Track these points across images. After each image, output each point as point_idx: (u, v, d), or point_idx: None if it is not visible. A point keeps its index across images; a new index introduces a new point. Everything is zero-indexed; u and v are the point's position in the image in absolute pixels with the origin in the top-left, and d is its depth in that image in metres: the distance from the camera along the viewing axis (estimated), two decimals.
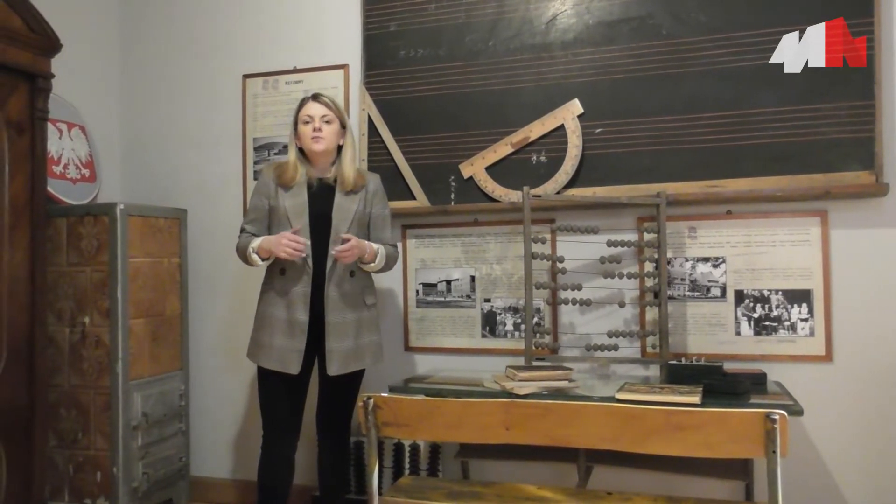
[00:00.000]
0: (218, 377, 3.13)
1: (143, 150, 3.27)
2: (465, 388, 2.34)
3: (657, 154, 2.55)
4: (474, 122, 2.75)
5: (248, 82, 3.10)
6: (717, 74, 2.48)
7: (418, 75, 2.82)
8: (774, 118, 2.43)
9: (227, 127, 3.14)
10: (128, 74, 3.30)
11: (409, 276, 2.88)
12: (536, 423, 1.61)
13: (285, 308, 2.30)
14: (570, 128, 2.63)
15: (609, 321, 2.63)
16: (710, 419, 1.52)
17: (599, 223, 2.57)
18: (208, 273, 3.14)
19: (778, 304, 2.48)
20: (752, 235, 2.51)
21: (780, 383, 2.35)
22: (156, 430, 2.84)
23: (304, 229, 2.30)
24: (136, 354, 2.77)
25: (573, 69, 2.65)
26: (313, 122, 2.33)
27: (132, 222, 2.77)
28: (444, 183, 2.78)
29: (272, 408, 2.35)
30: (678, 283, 2.58)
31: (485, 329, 2.80)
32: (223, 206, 3.13)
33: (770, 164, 2.44)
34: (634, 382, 2.29)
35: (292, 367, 2.27)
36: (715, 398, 2.02)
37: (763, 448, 1.48)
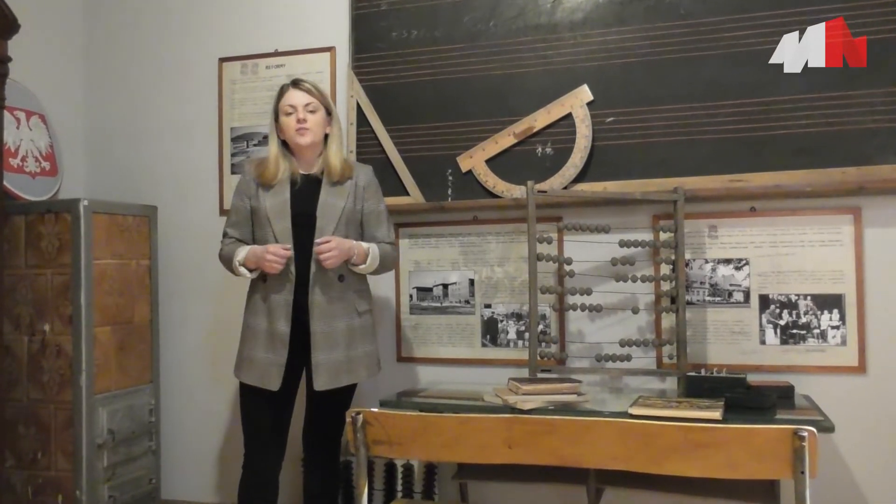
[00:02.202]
0: (192, 390, 3.12)
1: (109, 142, 3.26)
2: (463, 402, 2.34)
3: (674, 145, 2.55)
4: (473, 111, 2.75)
5: (225, 67, 3.10)
6: (740, 58, 2.49)
7: (412, 59, 2.82)
8: (803, 106, 2.43)
9: (201, 116, 3.13)
10: (92, 58, 3.30)
11: (402, 279, 2.88)
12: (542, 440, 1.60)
13: (266, 318, 2.30)
14: (579, 116, 2.63)
15: (621, 329, 2.63)
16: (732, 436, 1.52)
17: (611, 221, 2.57)
18: (181, 276, 3.14)
19: (806, 310, 2.48)
20: (778, 235, 2.51)
21: (808, 397, 2.35)
22: (123, 448, 2.83)
23: (286, 230, 2.30)
24: (102, 366, 2.76)
25: (582, 52, 2.65)
26: (297, 113, 2.32)
27: (97, 220, 2.77)
28: (441, 177, 2.78)
29: (254, 425, 2.35)
30: (697, 287, 2.58)
31: (485, 337, 2.80)
32: (197, 202, 3.12)
33: (798, 156, 2.44)
34: (649, 396, 2.29)
35: (272, 382, 2.27)
36: (738, 413, 2.03)
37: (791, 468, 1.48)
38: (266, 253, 2.23)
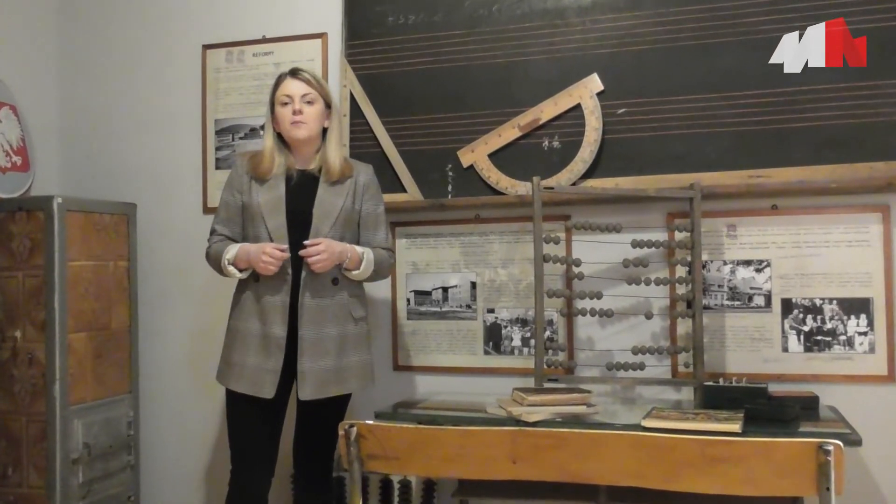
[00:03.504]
0: (174, 401, 3.12)
1: (85, 135, 3.27)
2: (464, 414, 2.34)
3: (690, 139, 2.55)
4: (475, 102, 2.75)
5: (209, 54, 3.10)
6: (760, 45, 2.49)
7: (409, 46, 2.82)
8: (828, 96, 2.44)
9: (183, 107, 3.13)
10: (67, 45, 3.30)
11: (399, 282, 2.89)
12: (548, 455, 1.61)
13: (260, 321, 2.30)
14: (588, 108, 2.64)
15: (634, 335, 2.63)
16: (752, 450, 1.52)
17: (622, 220, 2.57)
18: (162, 279, 3.14)
19: (832, 315, 2.49)
20: (802, 234, 2.52)
21: (834, 408, 2.35)
22: (100, 463, 2.83)
23: (280, 228, 2.30)
24: (77, 375, 2.76)
25: (592, 39, 2.65)
26: (293, 104, 2.32)
27: (72, 219, 2.77)
28: (440, 173, 2.78)
29: (243, 437, 2.35)
30: (715, 290, 2.58)
31: (488, 345, 2.80)
32: (179, 199, 3.12)
33: (823, 150, 2.44)
34: (664, 407, 2.29)
35: (266, 389, 2.26)
36: (758, 426, 2.02)
37: (815, 484, 1.48)
38: (261, 253, 2.22)
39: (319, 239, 2.25)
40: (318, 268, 2.23)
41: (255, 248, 2.26)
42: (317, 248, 2.22)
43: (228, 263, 2.30)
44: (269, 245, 2.24)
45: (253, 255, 2.25)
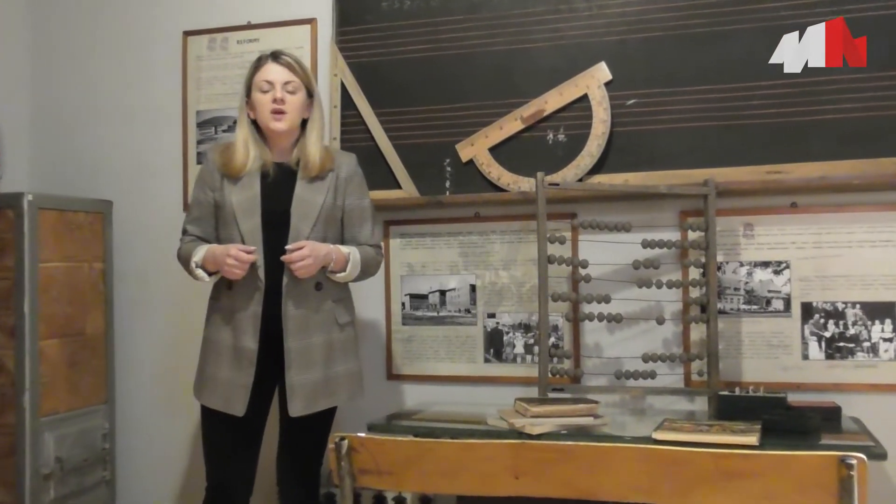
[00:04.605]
0: (153, 413, 3.12)
1: (58, 128, 3.27)
2: (463, 426, 2.35)
3: (704, 132, 2.56)
4: (475, 92, 2.75)
5: (190, 41, 3.10)
6: (778, 32, 2.49)
7: (404, 32, 2.82)
8: (851, 87, 2.44)
9: (163, 98, 3.13)
10: (39, 33, 3.30)
11: (393, 285, 2.89)
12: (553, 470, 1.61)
13: (231, 332, 2.29)
14: (596, 98, 2.64)
15: (645, 342, 2.64)
16: (770, 464, 1.53)
17: (632, 219, 2.58)
18: (141, 281, 3.14)
19: (855, 319, 2.49)
20: (823, 234, 2.52)
21: (857, 419, 2.36)
22: (73, 479, 2.83)
23: (255, 230, 2.28)
24: (49, 384, 2.76)
25: (599, 25, 2.65)
26: (274, 91, 2.30)
27: (44, 217, 2.77)
28: (438, 168, 2.79)
29: (216, 455, 2.35)
30: (731, 293, 2.59)
31: (488, 352, 2.81)
32: (159, 196, 3.13)
33: (845, 144, 2.45)
34: (676, 419, 2.30)
35: (236, 406, 2.25)
36: (777, 438, 2.04)
37: (837, 500, 1.49)
38: (226, 256, 2.19)
39: (302, 242, 2.22)
40: (301, 273, 2.21)
41: (220, 249, 2.23)
42: (300, 252, 2.19)
43: (196, 266, 2.29)
44: (234, 246, 2.20)
45: (219, 257, 2.22)
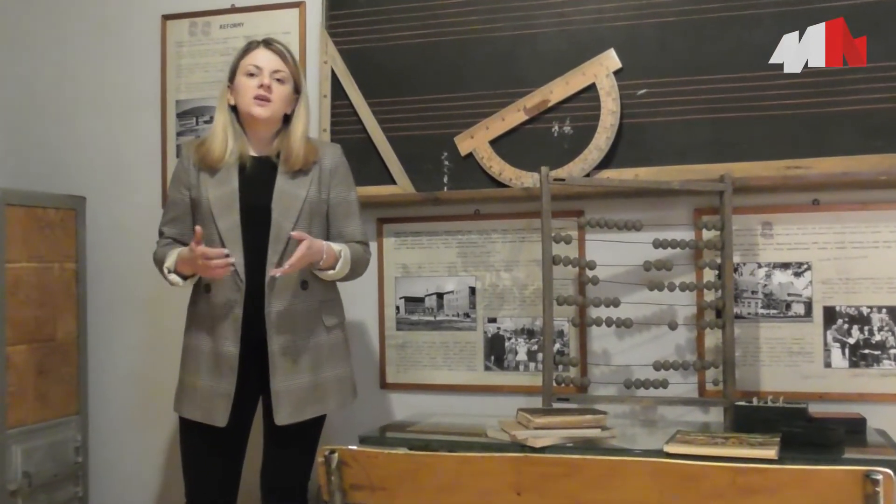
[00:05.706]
0: (128, 424, 3.12)
1: (28, 118, 3.26)
2: (461, 438, 2.35)
3: (720, 124, 2.56)
4: (475, 81, 2.76)
5: (170, 26, 3.10)
6: (800, 18, 2.49)
7: (400, 17, 2.82)
8: (877, 77, 2.44)
9: (140, 86, 3.13)
10: (6, 17, 3.29)
11: (387, 287, 2.89)
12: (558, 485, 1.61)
13: (211, 337, 2.29)
14: (604, 88, 2.65)
15: (656, 348, 2.64)
16: (790, 479, 1.53)
17: (643, 216, 2.58)
18: (116, 283, 3.13)
19: (881, 325, 2.50)
20: (847, 234, 2.53)
21: (883, 432, 2.36)
22: (43, 495, 2.83)
23: (233, 228, 2.27)
24: (17, 393, 2.76)
25: (608, 10, 2.66)
26: (261, 76, 2.30)
27: (12, 214, 2.77)
28: (435, 162, 2.79)
29: (196, 470, 2.35)
30: (748, 297, 2.59)
31: (489, 359, 2.81)
32: (135, 192, 3.12)
33: (870, 138, 2.45)
34: (690, 431, 2.30)
35: (218, 416, 2.25)
36: (797, 451, 2.04)
37: None
38: (196, 258, 2.15)
39: (303, 234, 2.19)
40: (294, 266, 2.18)
41: (186, 251, 2.21)
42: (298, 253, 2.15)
43: (169, 271, 2.29)
44: (201, 249, 2.14)
45: (189, 261, 2.21)
